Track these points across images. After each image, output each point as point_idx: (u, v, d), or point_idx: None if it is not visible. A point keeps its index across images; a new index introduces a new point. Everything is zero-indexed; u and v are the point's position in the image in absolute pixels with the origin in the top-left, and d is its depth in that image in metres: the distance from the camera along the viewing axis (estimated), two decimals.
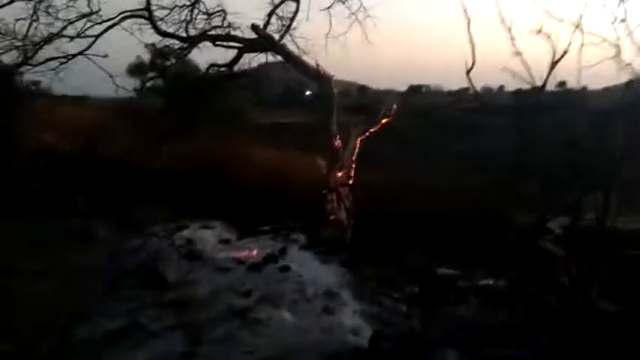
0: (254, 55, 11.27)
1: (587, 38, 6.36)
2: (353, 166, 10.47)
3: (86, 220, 10.14)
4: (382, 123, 10.69)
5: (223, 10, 11.26)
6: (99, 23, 10.34)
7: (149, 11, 10.34)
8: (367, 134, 10.65)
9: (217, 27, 11.35)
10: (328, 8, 11.40)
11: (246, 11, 11.01)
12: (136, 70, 19.26)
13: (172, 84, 18.30)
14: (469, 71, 7.18)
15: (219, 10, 11.26)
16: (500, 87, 39.98)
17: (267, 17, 11.19)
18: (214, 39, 10.88)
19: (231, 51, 11.30)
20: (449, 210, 13.20)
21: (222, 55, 11.67)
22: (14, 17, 11.89)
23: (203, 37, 10.88)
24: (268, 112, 24.14)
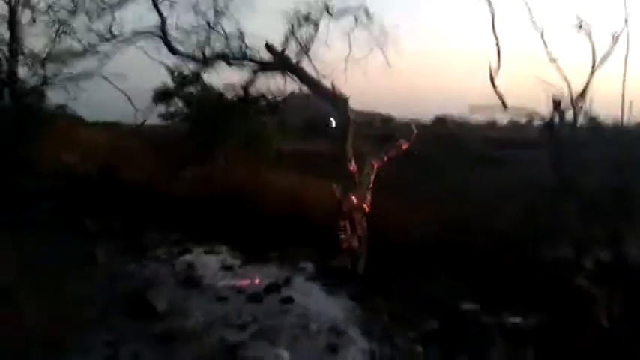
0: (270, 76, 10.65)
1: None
2: (369, 192, 9.63)
3: (91, 242, 9.58)
4: (401, 148, 9.86)
5: (241, 33, 10.80)
6: (108, 40, 9.95)
7: (164, 31, 9.94)
8: (385, 159, 9.84)
9: (234, 49, 10.87)
10: (349, 33, 10.80)
11: (264, 34, 10.48)
12: (162, 97, 19.14)
13: (195, 109, 18.02)
14: (493, 78, 6.42)
15: (236, 33, 10.80)
16: (528, 121, 38.95)
17: (284, 40, 10.66)
18: (229, 59, 10.37)
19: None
20: (474, 241, 12.27)
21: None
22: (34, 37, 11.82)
23: (218, 58, 10.39)
24: (291, 140, 23.72)
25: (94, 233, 10.32)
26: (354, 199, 9.43)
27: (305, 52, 10.54)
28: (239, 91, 11.33)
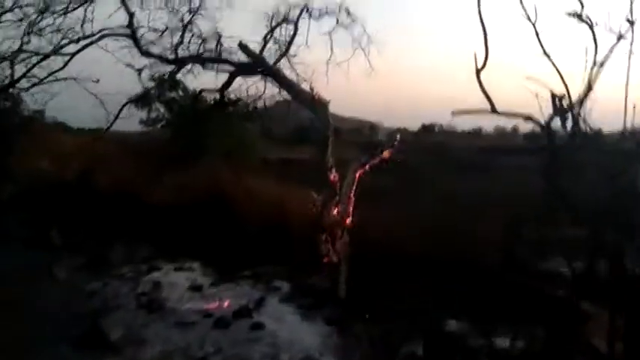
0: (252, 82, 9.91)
1: None
2: (351, 204, 8.88)
3: (54, 257, 8.74)
4: (384, 156, 9.12)
5: (218, 34, 10.03)
6: (76, 41, 9.15)
7: (132, 30, 9.14)
8: (367, 167, 9.10)
9: (210, 51, 10.10)
10: (330, 33, 10.08)
11: (242, 35, 9.70)
12: (142, 102, 18.33)
13: (174, 115, 17.23)
14: (479, 71, 5.71)
15: (213, 34, 10.03)
16: (513, 128, 38.50)
17: (263, 41, 9.92)
18: (204, 61, 9.59)
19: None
20: (463, 255, 11.57)
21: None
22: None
23: (191, 59, 9.60)
24: (278, 148, 23.01)
25: (59, 247, 9.46)
26: (335, 211, 8.67)
27: (284, 54, 9.83)
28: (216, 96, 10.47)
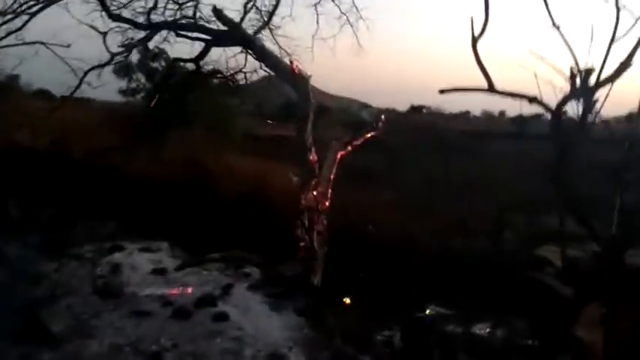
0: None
1: None
2: (330, 185, 8.25)
3: (7, 232, 7.99)
4: (367, 136, 8.47)
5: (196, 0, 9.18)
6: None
7: None
8: (350, 148, 8.45)
9: (187, 17, 9.26)
10: (316, 5, 9.32)
11: (222, 3, 8.87)
12: (123, 71, 17.38)
13: (156, 85, 16.29)
14: (476, 40, 5.04)
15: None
16: (500, 112, 37.91)
17: (243, 9, 9.11)
18: (177, 28, 8.77)
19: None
20: (444, 236, 11.13)
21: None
22: None
23: (165, 25, 8.77)
24: (269, 124, 22.32)
25: (17, 222, 8.72)
26: (314, 194, 8.04)
27: (265, 24, 9.05)
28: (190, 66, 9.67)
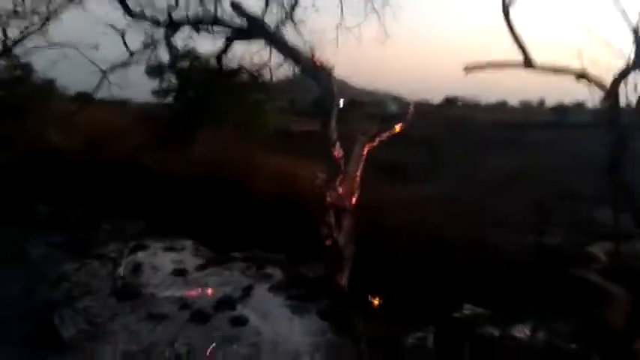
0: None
1: None
2: (358, 181, 7.81)
3: (33, 233, 7.95)
4: (395, 129, 7.98)
5: None
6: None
7: None
8: (377, 142, 7.98)
9: (208, 14, 8.99)
10: None
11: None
12: (154, 71, 17.41)
13: (184, 85, 16.24)
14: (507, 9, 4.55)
15: None
16: (540, 102, 36.31)
17: (265, 3, 8.75)
18: (197, 23, 8.51)
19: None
20: (481, 233, 10.52)
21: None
22: None
23: (183, 22, 8.53)
24: (302, 120, 21.96)
25: (43, 222, 8.69)
26: (340, 190, 7.62)
27: (287, 17, 8.66)
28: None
